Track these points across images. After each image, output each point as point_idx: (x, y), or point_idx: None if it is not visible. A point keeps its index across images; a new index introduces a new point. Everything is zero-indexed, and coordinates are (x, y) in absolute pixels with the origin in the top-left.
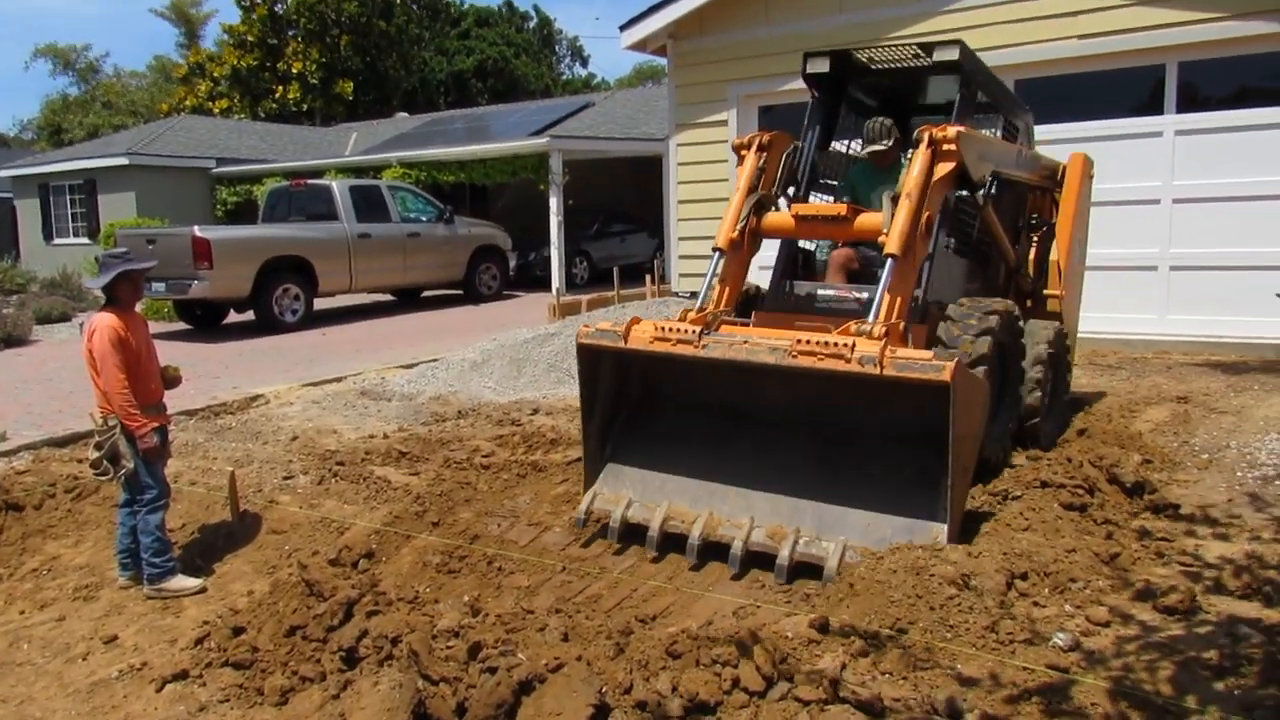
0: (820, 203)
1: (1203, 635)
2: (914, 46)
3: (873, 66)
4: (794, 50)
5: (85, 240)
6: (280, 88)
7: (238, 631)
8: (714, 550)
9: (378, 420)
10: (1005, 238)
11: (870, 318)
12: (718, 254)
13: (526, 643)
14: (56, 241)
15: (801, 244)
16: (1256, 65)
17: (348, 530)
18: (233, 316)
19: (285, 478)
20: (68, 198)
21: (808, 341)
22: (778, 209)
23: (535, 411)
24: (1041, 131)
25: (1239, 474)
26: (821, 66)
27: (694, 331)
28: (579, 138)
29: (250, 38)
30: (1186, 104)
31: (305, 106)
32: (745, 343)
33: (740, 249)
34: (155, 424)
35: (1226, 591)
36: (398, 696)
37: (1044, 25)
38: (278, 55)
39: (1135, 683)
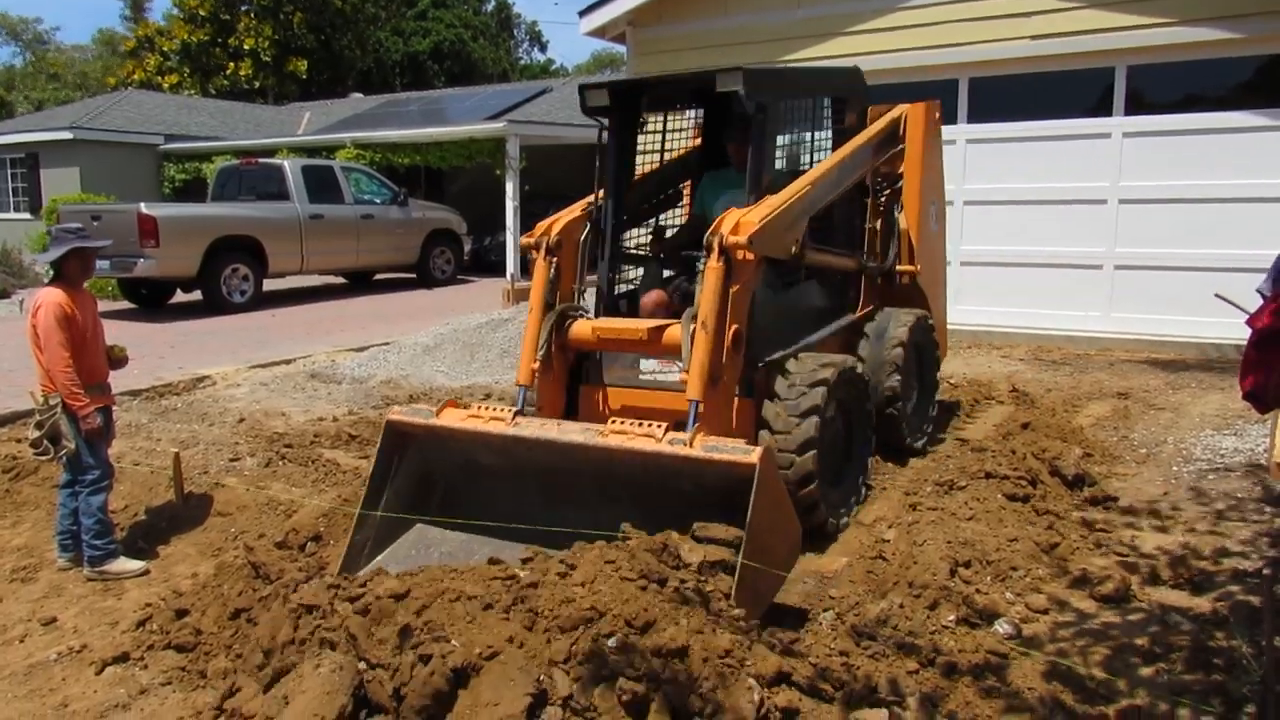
0: (618, 321)
1: (1135, 622)
2: (697, 76)
3: (658, 85)
4: (751, 42)
5: (26, 215)
6: (232, 64)
7: (181, 614)
8: None
9: (327, 403)
10: (840, 257)
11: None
12: (521, 389)
13: (454, 619)
14: None
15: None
16: (1203, 70)
17: (295, 513)
18: (180, 296)
19: (232, 459)
20: (9, 171)
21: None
22: (583, 313)
23: (488, 396)
24: (992, 130)
25: (1175, 468)
26: (601, 99)
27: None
28: (536, 123)
29: (201, 12)
30: (1135, 107)
31: (257, 84)
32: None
33: (550, 369)
34: (99, 404)
35: (1160, 581)
36: (338, 679)
37: (996, 25)
38: (229, 31)
39: (1070, 667)
